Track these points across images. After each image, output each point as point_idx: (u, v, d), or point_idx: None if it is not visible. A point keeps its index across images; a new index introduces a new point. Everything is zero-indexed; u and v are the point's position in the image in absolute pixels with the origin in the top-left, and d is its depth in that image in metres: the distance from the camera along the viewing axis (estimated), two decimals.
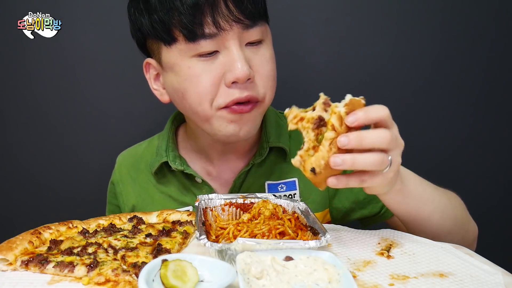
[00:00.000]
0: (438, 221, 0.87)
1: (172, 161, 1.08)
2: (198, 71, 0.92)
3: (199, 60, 0.92)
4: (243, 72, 0.89)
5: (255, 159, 1.06)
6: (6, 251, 0.73)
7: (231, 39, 0.90)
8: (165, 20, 0.90)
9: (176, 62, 0.94)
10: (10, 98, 1.56)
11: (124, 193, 1.18)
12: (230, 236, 0.74)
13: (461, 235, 0.93)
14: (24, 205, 1.63)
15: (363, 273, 0.68)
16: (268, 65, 0.97)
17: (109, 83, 1.53)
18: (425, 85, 1.52)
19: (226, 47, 0.91)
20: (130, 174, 1.18)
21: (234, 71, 0.90)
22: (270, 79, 0.97)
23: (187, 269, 0.61)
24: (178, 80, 0.96)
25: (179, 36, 0.91)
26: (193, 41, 0.90)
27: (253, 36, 0.93)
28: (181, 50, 0.92)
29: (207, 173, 1.13)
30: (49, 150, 1.59)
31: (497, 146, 1.56)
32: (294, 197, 1.07)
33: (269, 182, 1.08)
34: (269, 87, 0.97)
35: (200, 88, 0.93)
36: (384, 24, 1.48)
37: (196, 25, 0.88)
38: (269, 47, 0.99)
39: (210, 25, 0.89)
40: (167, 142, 1.13)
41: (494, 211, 1.56)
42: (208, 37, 0.89)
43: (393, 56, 1.50)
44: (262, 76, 0.95)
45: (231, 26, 0.89)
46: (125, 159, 1.23)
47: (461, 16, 1.47)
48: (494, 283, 0.64)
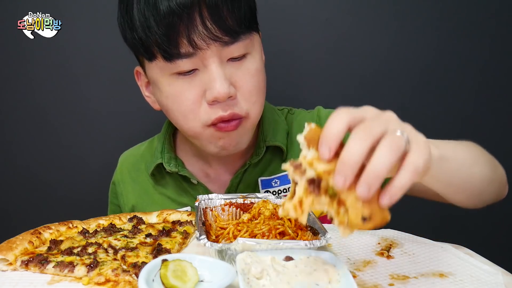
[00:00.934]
0: (478, 175, 0.76)
1: (167, 163, 1.08)
2: (178, 89, 0.91)
3: (179, 78, 0.90)
4: (223, 91, 0.87)
5: (252, 159, 1.06)
6: (6, 251, 0.73)
7: (210, 57, 0.87)
8: (144, 38, 0.88)
9: (158, 78, 0.93)
10: (10, 98, 1.56)
11: (125, 193, 1.18)
12: (230, 236, 0.74)
13: (499, 179, 0.85)
14: (24, 205, 1.63)
15: (363, 273, 0.68)
16: (253, 79, 0.93)
17: (109, 83, 1.53)
18: (424, 85, 1.52)
19: (205, 65, 0.88)
20: (130, 175, 1.19)
21: (213, 90, 0.87)
22: (254, 94, 0.94)
23: (187, 269, 0.61)
24: (161, 97, 0.95)
25: (158, 54, 0.89)
26: (169, 61, 0.88)
27: (235, 52, 0.89)
28: (161, 68, 0.91)
29: (205, 175, 1.13)
30: (49, 150, 1.60)
31: (497, 146, 1.56)
32: (288, 191, 1.06)
33: (262, 178, 1.08)
34: (254, 102, 0.94)
35: (182, 106, 0.92)
36: (383, 24, 1.48)
37: (171, 45, 0.86)
38: (255, 59, 0.94)
39: (186, 45, 0.85)
40: (163, 144, 1.12)
41: (494, 211, 1.56)
42: (185, 57, 0.87)
43: (391, 56, 1.50)
44: (245, 92, 0.92)
45: (208, 44, 0.85)
46: (126, 159, 1.23)
47: (461, 17, 1.47)
48: (494, 283, 0.64)
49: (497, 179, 0.85)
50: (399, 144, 0.50)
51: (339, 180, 0.50)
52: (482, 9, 1.47)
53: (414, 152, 0.52)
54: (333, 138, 0.52)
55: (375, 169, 0.49)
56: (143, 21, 0.87)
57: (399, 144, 0.50)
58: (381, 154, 0.50)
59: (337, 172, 0.50)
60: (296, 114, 1.16)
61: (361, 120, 0.54)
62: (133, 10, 0.89)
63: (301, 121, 1.14)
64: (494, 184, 0.83)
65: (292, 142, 1.10)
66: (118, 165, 1.23)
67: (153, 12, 0.85)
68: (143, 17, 0.87)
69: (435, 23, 1.48)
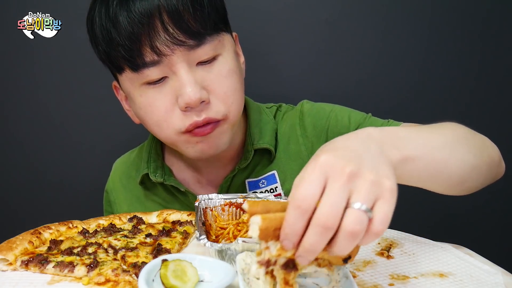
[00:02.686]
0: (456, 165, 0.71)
1: (153, 173, 1.07)
2: (150, 99, 0.89)
3: (149, 88, 0.88)
4: (194, 96, 0.84)
5: (241, 164, 1.04)
6: (6, 251, 0.73)
7: (177, 63, 0.85)
8: (109, 52, 0.87)
9: (129, 90, 0.92)
10: (9, 98, 1.56)
11: (117, 201, 1.17)
12: (230, 236, 0.74)
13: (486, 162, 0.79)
14: (24, 205, 1.63)
15: (363, 273, 0.68)
16: (226, 81, 0.90)
17: (109, 83, 1.53)
18: (424, 85, 1.52)
19: (173, 72, 0.86)
20: (122, 182, 1.17)
21: (184, 96, 0.85)
22: (230, 95, 0.91)
23: (187, 269, 0.61)
24: (135, 109, 0.95)
25: (125, 66, 0.88)
26: (136, 71, 0.86)
27: (203, 55, 0.87)
28: (130, 79, 0.89)
29: (197, 181, 1.12)
30: (49, 149, 1.60)
31: (497, 145, 1.56)
32: (276, 190, 1.05)
33: (249, 180, 1.07)
34: (231, 103, 0.92)
35: (155, 116, 0.90)
36: (383, 24, 1.49)
37: (136, 56, 0.84)
38: (227, 60, 0.91)
39: (150, 53, 0.84)
40: (149, 153, 1.11)
41: (494, 211, 1.56)
42: (151, 65, 0.85)
43: (391, 56, 1.50)
44: (219, 95, 0.89)
45: (173, 50, 0.83)
46: (118, 166, 1.22)
47: (462, 17, 1.47)
48: (494, 283, 0.64)
49: (484, 162, 0.78)
50: (355, 230, 0.48)
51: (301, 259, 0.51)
52: (482, 10, 1.47)
53: (376, 219, 0.49)
54: (293, 234, 0.50)
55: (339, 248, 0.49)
56: (105, 35, 0.86)
57: (355, 230, 0.48)
58: (342, 240, 0.49)
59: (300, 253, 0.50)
60: (283, 111, 1.14)
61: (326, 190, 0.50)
62: (96, 25, 0.88)
63: (287, 118, 1.11)
64: (479, 169, 0.77)
65: (280, 140, 1.08)
66: (111, 173, 1.22)
67: (114, 24, 0.84)
68: (105, 31, 0.86)
69: (434, 23, 1.48)
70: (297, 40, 1.50)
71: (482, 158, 0.78)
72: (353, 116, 1.06)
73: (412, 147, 0.63)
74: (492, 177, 0.85)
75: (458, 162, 0.71)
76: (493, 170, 0.84)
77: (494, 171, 0.84)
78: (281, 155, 1.08)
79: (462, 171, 0.72)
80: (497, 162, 0.85)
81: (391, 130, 0.64)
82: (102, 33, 0.87)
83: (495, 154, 0.85)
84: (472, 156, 0.74)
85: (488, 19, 1.47)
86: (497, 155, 0.85)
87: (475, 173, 0.76)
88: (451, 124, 0.81)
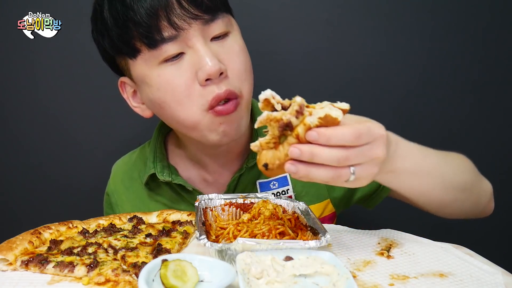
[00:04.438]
0: (439, 194, 0.83)
1: (160, 173, 1.07)
2: (169, 77, 0.90)
3: (167, 66, 0.89)
4: (214, 67, 0.86)
5: (248, 162, 1.05)
6: (6, 251, 0.73)
7: (193, 37, 0.87)
8: (123, 34, 0.88)
9: (145, 73, 0.92)
10: (9, 98, 1.56)
11: (120, 203, 1.17)
12: (230, 236, 0.74)
13: (472, 201, 0.90)
14: (24, 205, 1.63)
15: (363, 273, 0.68)
16: (239, 58, 0.93)
17: (109, 83, 1.53)
18: (424, 85, 1.52)
19: (190, 46, 0.88)
20: (124, 184, 1.17)
21: (204, 67, 0.86)
22: (243, 72, 0.93)
23: (187, 269, 0.61)
24: (152, 92, 0.93)
25: (141, 46, 0.89)
26: (155, 47, 0.87)
27: (216, 30, 0.90)
28: (146, 60, 0.90)
29: (203, 180, 1.12)
30: (49, 149, 1.60)
31: (497, 145, 1.56)
32: (288, 192, 1.06)
33: (260, 180, 1.07)
34: (244, 80, 0.93)
35: (176, 94, 0.90)
36: (383, 25, 1.49)
37: (154, 31, 0.86)
38: (237, 39, 0.95)
39: (168, 28, 0.86)
40: (155, 153, 1.11)
41: (494, 211, 1.56)
42: (169, 40, 0.87)
43: (390, 57, 1.50)
44: (234, 70, 0.91)
45: (189, 24, 0.86)
46: (119, 168, 1.21)
47: (463, 18, 1.47)
48: (494, 283, 0.64)
49: (468, 199, 0.89)
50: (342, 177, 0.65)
51: (296, 152, 0.63)
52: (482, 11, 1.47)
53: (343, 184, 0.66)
54: (325, 142, 0.62)
55: (315, 173, 0.64)
56: (120, 16, 0.88)
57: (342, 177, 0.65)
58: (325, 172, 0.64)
59: (299, 148, 0.63)
60: None
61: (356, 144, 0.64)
62: (105, 11, 0.90)
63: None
64: (461, 203, 0.88)
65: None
66: (111, 175, 1.21)
67: (129, 3, 0.86)
68: (118, 13, 0.88)
69: (435, 23, 1.48)
70: (299, 40, 1.50)
71: (468, 197, 0.89)
72: None
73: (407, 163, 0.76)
74: (475, 214, 0.95)
75: (442, 190, 0.83)
76: (478, 208, 0.94)
77: (478, 210, 0.94)
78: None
79: (444, 199, 0.85)
80: (484, 204, 0.95)
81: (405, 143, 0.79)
82: (115, 16, 0.88)
83: (485, 197, 0.95)
84: (459, 191, 0.86)
85: (489, 19, 1.47)
86: (486, 198, 0.95)
87: (456, 205, 0.88)
88: (458, 157, 0.93)
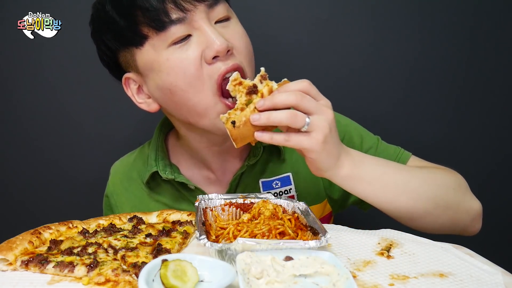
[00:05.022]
0: (405, 204, 0.88)
1: (162, 171, 1.07)
2: (178, 60, 0.91)
3: (175, 48, 0.92)
4: (221, 44, 0.89)
5: (249, 160, 1.06)
6: (6, 251, 0.73)
7: (199, 18, 0.91)
8: (130, 22, 0.91)
9: (154, 59, 0.93)
10: (9, 98, 1.56)
11: (119, 204, 1.17)
12: (230, 236, 0.74)
13: (448, 216, 0.93)
14: (24, 205, 1.63)
15: (363, 273, 0.68)
16: (243, 39, 0.97)
17: (109, 83, 1.53)
18: (424, 85, 1.52)
19: (196, 27, 0.91)
20: (123, 184, 1.17)
21: (212, 45, 0.89)
22: (247, 53, 0.97)
23: (187, 269, 0.61)
24: (162, 78, 0.94)
25: (149, 32, 0.91)
26: (163, 30, 0.90)
27: (220, 13, 0.94)
28: (154, 45, 0.92)
29: (206, 178, 1.12)
30: (49, 150, 1.60)
31: (497, 145, 1.56)
32: (290, 192, 1.07)
33: (262, 180, 1.08)
34: (249, 61, 0.97)
35: (187, 75, 0.92)
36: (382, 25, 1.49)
37: (162, 14, 0.89)
38: (238, 24, 0.99)
39: (175, 10, 0.89)
40: (156, 151, 1.11)
41: (494, 211, 1.56)
42: (177, 22, 0.90)
43: (390, 57, 1.50)
44: (240, 49, 0.95)
45: (195, 5, 0.90)
46: (118, 169, 1.21)
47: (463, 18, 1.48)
48: (494, 283, 0.64)
49: (444, 214, 0.92)
50: (299, 120, 0.76)
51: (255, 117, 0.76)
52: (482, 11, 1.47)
53: (302, 136, 0.77)
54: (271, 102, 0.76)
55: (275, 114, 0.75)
56: (122, 9, 0.91)
57: (299, 120, 0.76)
58: (285, 112, 0.75)
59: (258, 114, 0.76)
60: None
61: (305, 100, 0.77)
62: (106, 10, 0.94)
63: None
64: (433, 218, 0.91)
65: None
66: (110, 177, 1.21)
67: None
68: (121, 6, 0.92)
69: (434, 24, 1.48)
70: (300, 39, 1.50)
71: (444, 212, 0.91)
72: (366, 138, 1.11)
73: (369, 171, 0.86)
74: (457, 231, 0.97)
75: (408, 202, 0.88)
76: (459, 227, 0.96)
77: (459, 228, 0.96)
78: (293, 155, 1.09)
79: (411, 211, 0.88)
80: (466, 222, 0.96)
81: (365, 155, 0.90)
82: (119, 8, 0.92)
83: (467, 216, 0.95)
84: (429, 205, 0.89)
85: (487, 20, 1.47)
86: (468, 217, 0.96)
87: (428, 220, 0.91)
88: (445, 174, 0.97)
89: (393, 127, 1.49)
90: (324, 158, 0.80)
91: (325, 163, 0.81)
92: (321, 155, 0.79)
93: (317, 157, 0.79)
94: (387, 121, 1.51)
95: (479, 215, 0.97)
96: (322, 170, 0.83)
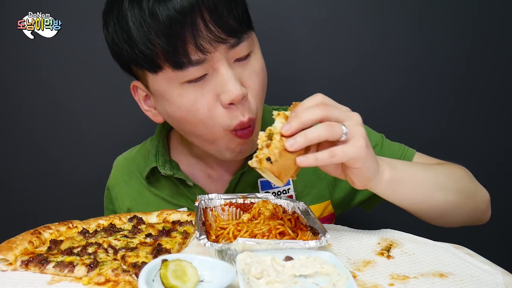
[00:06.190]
0: (439, 199, 0.86)
1: (162, 166, 1.07)
2: (192, 98, 0.88)
3: (189, 86, 0.88)
4: (237, 92, 0.86)
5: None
6: (6, 251, 0.73)
7: (219, 60, 0.86)
8: (148, 51, 0.85)
9: (166, 89, 0.90)
10: (9, 98, 1.56)
11: (119, 197, 1.18)
12: (230, 236, 0.74)
13: (471, 206, 0.93)
14: (24, 205, 1.63)
15: (363, 273, 0.68)
16: (259, 77, 0.93)
17: (110, 83, 1.53)
18: (424, 84, 1.52)
19: (214, 69, 0.87)
20: (123, 178, 1.18)
21: (228, 93, 0.86)
22: (261, 92, 0.94)
23: (187, 269, 0.61)
24: (172, 109, 0.92)
25: (165, 65, 0.86)
26: (180, 69, 0.85)
27: (240, 53, 0.89)
28: (169, 78, 0.88)
29: (208, 176, 1.12)
30: (49, 150, 1.60)
31: (497, 145, 1.56)
32: (288, 192, 1.07)
33: (261, 179, 1.08)
34: (260, 100, 0.95)
35: (200, 114, 0.89)
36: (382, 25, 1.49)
37: (180, 54, 0.84)
38: (258, 56, 0.94)
39: (195, 52, 0.84)
40: (157, 147, 1.11)
41: (494, 211, 1.56)
42: (196, 64, 0.85)
43: (390, 57, 1.51)
44: (253, 91, 0.92)
45: (215, 47, 0.85)
46: (120, 163, 1.22)
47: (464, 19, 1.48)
48: (494, 283, 0.64)
49: (468, 206, 0.92)
50: (337, 130, 0.69)
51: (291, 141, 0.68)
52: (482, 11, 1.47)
53: (346, 146, 0.70)
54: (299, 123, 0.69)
55: (311, 131, 0.69)
56: (142, 35, 0.84)
57: (337, 130, 0.69)
58: (321, 126, 0.69)
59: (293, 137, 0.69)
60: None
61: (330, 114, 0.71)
62: (128, 24, 0.85)
63: None
64: (461, 210, 0.91)
65: None
66: (112, 170, 1.23)
67: (152, 23, 0.82)
68: (141, 31, 0.84)
69: (434, 24, 1.48)
70: (300, 39, 1.50)
71: (468, 202, 0.92)
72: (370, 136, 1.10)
73: (405, 172, 0.81)
74: (474, 220, 0.99)
75: (441, 197, 0.86)
76: (477, 215, 0.98)
77: (477, 216, 0.98)
78: None
79: (444, 206, 0.87)
80: (482, 210, 0.98)
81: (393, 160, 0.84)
82: (139, 33, 0.84)
83: (483, 203, 0.98)
84: (457, 197, 0.89)
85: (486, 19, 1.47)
86: (484, 204, 0.99)
87: (457, 212, 0.90)
88: (455, 167, 0.98)
89: (395, 126, 1.49)
90: (370, 164, 0.74)
91: (371, 170, 0.75)
92: (366, 161, 0.73)
93: (363, 165, 0.73)
94: (389, 120, 1.51)
95: (489, 202, 1.00)
96: (369, 179, 0.76)
